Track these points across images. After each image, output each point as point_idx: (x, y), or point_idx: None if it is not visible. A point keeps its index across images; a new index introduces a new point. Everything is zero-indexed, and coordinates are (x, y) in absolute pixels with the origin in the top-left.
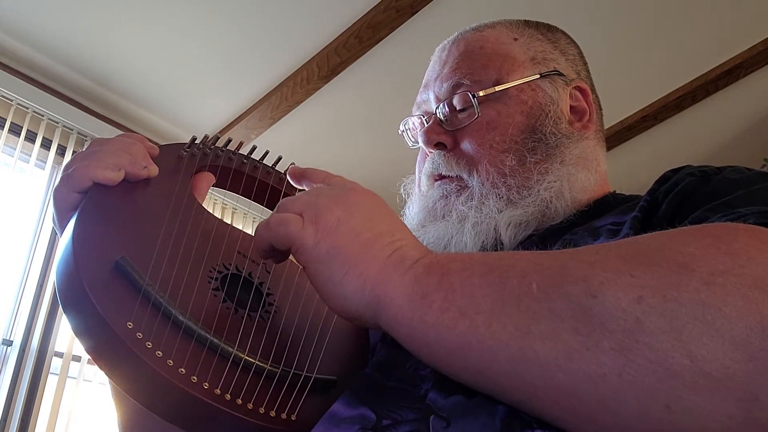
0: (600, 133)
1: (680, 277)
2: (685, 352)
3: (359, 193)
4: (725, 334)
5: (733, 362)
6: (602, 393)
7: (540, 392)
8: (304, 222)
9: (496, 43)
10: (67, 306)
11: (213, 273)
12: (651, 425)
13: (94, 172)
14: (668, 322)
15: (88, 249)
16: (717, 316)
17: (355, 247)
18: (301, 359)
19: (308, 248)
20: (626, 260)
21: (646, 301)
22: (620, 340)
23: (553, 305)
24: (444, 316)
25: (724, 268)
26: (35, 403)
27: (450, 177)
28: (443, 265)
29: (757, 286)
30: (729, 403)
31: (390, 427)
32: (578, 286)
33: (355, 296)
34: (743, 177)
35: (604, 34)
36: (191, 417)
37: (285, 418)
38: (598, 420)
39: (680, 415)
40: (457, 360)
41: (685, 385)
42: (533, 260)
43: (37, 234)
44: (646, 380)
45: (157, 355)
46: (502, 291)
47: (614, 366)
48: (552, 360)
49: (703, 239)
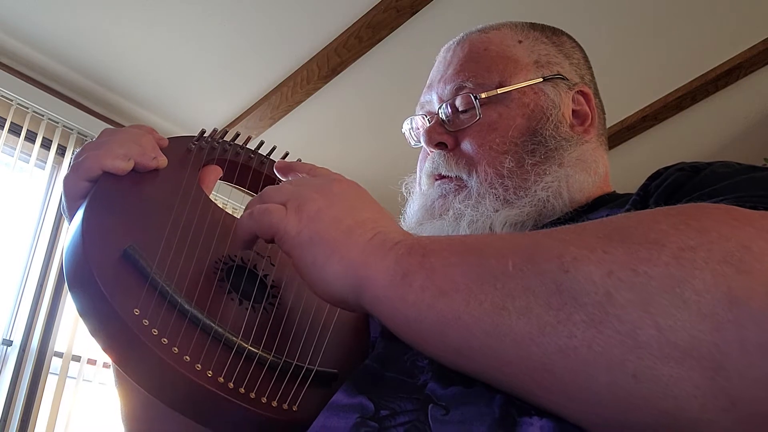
0: (602, 137)
1: (651, 252)
2: (653, 323)
3: (342, 183)
4: (692, 306)
5: (699, 332)
6: (573, 364)
7: (515, 367)
8: (287, 211)
9: (501, 45)
10: (75, 289)
11: (219, 264)
12: (620, 395)
13: (105, 162)
14: (637, 294)
15: (97, 237)
16: (685, 289)
17: (337, 233)
18: (303, 351)
19: (291, 236)
20: (599, 237)
21: (616, 275)
22: (590, 313)
23: (527, 282)
24: (424, 295)
25: (694, 244)
26: (35, 403)
27: (449, 177)
28: (424, 246)
29: (726, 260)
30: (695, 373)
31: (389, 417)
32: (552, 262)
33: (338, 279)
34: (731, 170)
35: (604, 34)
36: (194, 404)
37: (286, 409)
38: (571, 393)
39: (648, 385)
40: (436, 337)
41: (652, 354)
42: (511, 240)
43: (37, 234)
44: (614, 351)
45: (162, 342)
46: (480, 269)
47: (584, 338)
48: (526, 334)
49: (676, 217)
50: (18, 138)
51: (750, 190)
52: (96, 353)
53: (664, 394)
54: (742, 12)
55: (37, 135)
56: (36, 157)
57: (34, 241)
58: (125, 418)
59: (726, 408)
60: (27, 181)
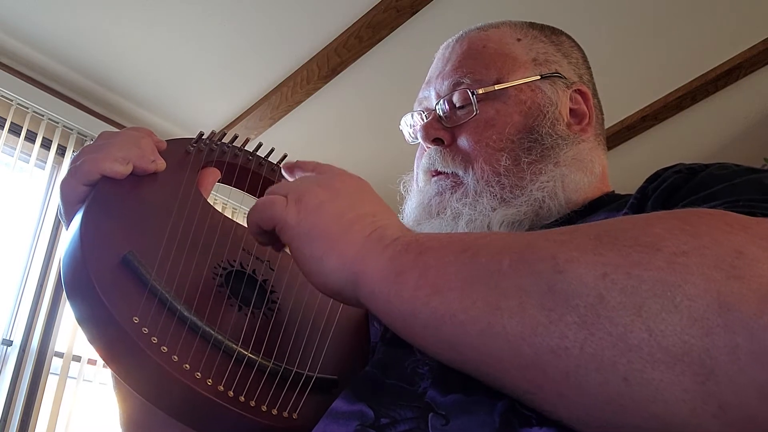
0: (600, 137)
1: (644, 256)
2: (644, 326)
3: (344, 177)
4: (684, 311)
5: (690, 337)
6: (565, 365)
7: (507, 365)
8: (288, 202)
9: (499, 43)
10: (73, 296)
11: (218, 269)
12: (611, 397)
13: (103, 165)
14: (629, 297)
15: (95, 243)
16: (677, 293)
17: (337, 227)
18: (303, 358)
19: (291, 226)
20: (594, 240)
21: (610, 278)
22: (583, 315)
23: (521, 282)
24: (418, 293)
25: (687, 249)
26: (35, 403)
27: (446, 173)
28: (421, 243)
29: (718, 266)
30: (685, 377)
31: (389, 425)
32: (546, 263)
33: (335, 273)
34: (728, 172)
35: (604, 34)
36: (194, 412)
37: (286, 417)
38: (563, 392)
39: (638, 388)
40: (430, 334)
41: (642, 358)
42: (507, 240)
43: (37, 234)
44: (606, 353)
45: (162, 350)
46: (475, 268)
47: (576, 339)
48: (518, 334)
49: (670, 221)
50: (18, 138)
51: (746, 194)
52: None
53: (654, 397)
54: (742, 12)
55: (37, 135)
56: (36, 157)
57: (34, 241)
58: (124, 423)
59: (715, 413)
60: (27, 181)
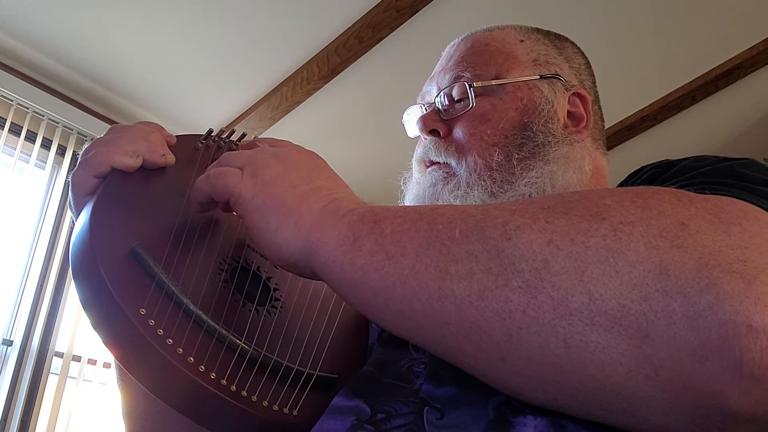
0: (598, 142)
1: (591, 224)
2: (585, 290)
3: (300, 152)
4: (624, 276)
5: (628, 301)
6: (508, 328)
7: (453, 328)
8: (243, 175)
9: (502, 42)
10: (79, 278)
11: (223, 265)
12: (551, 359)
13: (114, 158)
14: (573, 263)
15: (104, 234)
16: (618, 260)
17: (292, 199)
18: (304, 356)
19: (246, 199)
20: (545, 209)
21: (555, 244)
22: (527, 279)
23: (471, 248)
24: (372, 259)
25: (634, 219)
26: (35, 403)
27: (439, 163)
28: (377, 213)
29: (662, 235)
30: (622, 340)
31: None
32: (497, 230)
33: (290, 243)
34: (703, 163)
35: (604, 35)
36: (196, 405)
37: (287, 413)
38: (505, 354)
39: (576, 350)
40: (381, 300)
41: (582, 321)
42: (462, 209)
43: (37, 234)
44: (547, 316)
45: (167, 342)
46: (428, 236)
47: (520, 302)
48: (466, 297)
49: (622, 195)
50: (18, 138)
51: (712, 178)
52: (96, 353)
53: (591, 359)
54: (742, 12)
55: (37, 135)
56: (36, 157)
57: (35, 241)
58: (126, 415)
59: (649, 375)
60: (27, 181)
